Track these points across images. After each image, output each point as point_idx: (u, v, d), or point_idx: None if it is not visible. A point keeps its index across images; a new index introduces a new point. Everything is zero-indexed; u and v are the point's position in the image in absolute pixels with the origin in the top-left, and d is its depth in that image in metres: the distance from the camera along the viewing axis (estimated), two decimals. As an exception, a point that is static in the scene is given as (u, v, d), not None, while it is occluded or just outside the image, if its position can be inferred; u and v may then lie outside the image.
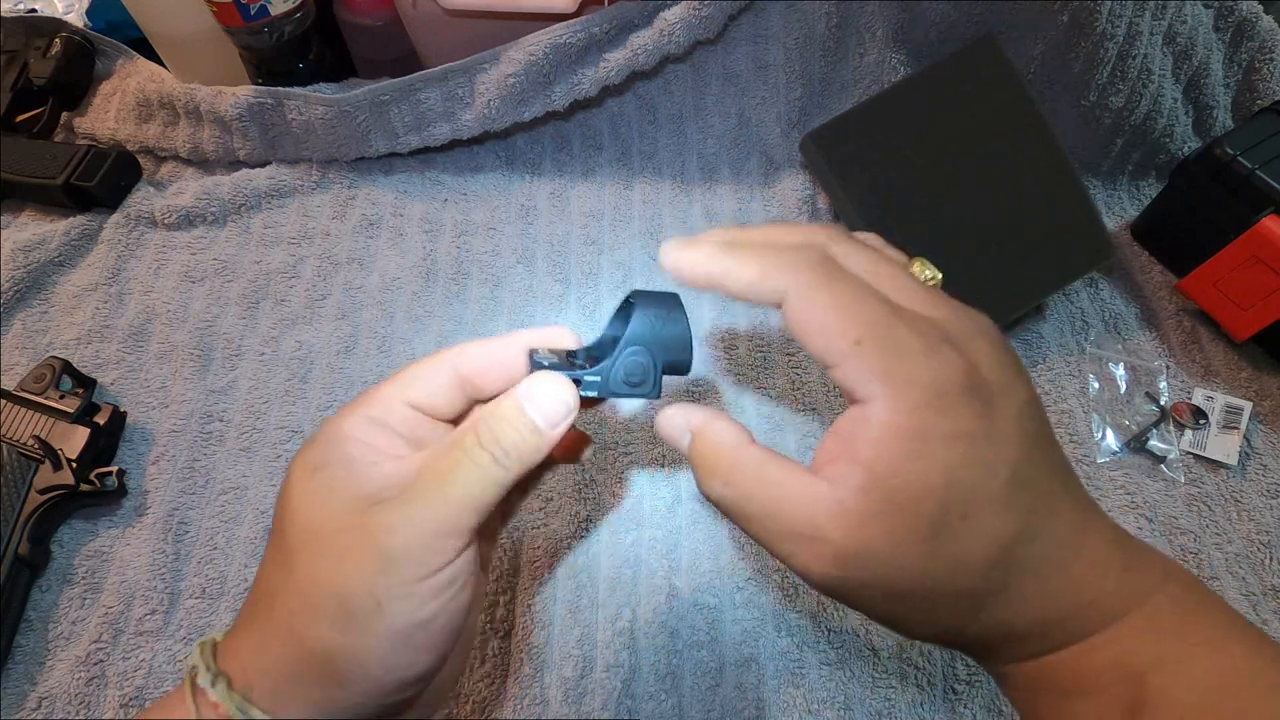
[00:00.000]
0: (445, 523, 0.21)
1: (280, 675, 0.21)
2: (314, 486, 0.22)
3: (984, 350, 0.21)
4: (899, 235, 0.45)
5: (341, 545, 0.21)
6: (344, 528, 0.21)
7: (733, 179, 0.58)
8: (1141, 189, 0.57)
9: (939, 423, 0.20)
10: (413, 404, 0.24)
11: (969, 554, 0.20)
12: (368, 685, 0.21)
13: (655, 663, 0.38)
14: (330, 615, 0.20)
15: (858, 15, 0.50)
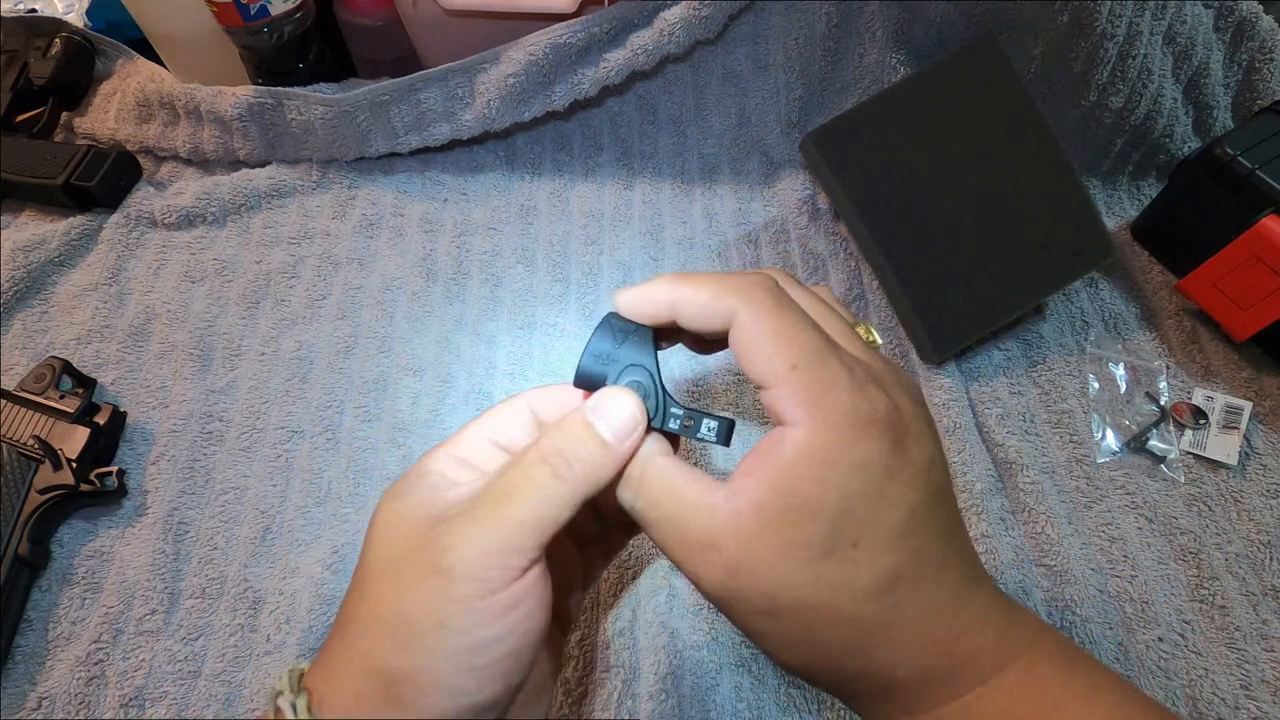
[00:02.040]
0: (506, 540, 0.21)
1: (347, 697, 0.21)
2: (391, 515, 0.22)
3: (905, 400, 0.23)
4: (899, 235, 0.45)
5: (407, 566, 0.21)
6: (411, 549, 0.21)
7: (733, 179, 0.58)
8: (1141, 189, 0.57)
9: (849, 452, 0.21)
10: (493, 441, 0.24)
11: (854, 581, 0.21)
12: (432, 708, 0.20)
13: (655, 663, 0.38)
14: (393, 634, 0.20)
15: (858, 15, 0.50)
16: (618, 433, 0.22)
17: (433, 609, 0.20)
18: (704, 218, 0.56)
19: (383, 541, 0.22)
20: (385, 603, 0.21)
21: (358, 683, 0.21)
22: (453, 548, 0.20)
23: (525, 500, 0.21)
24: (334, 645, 0.22)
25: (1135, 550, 0.41)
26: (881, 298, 0.51)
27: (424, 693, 0.20)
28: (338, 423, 0.46)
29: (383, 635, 0.21)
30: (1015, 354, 0.49)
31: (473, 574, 0.20)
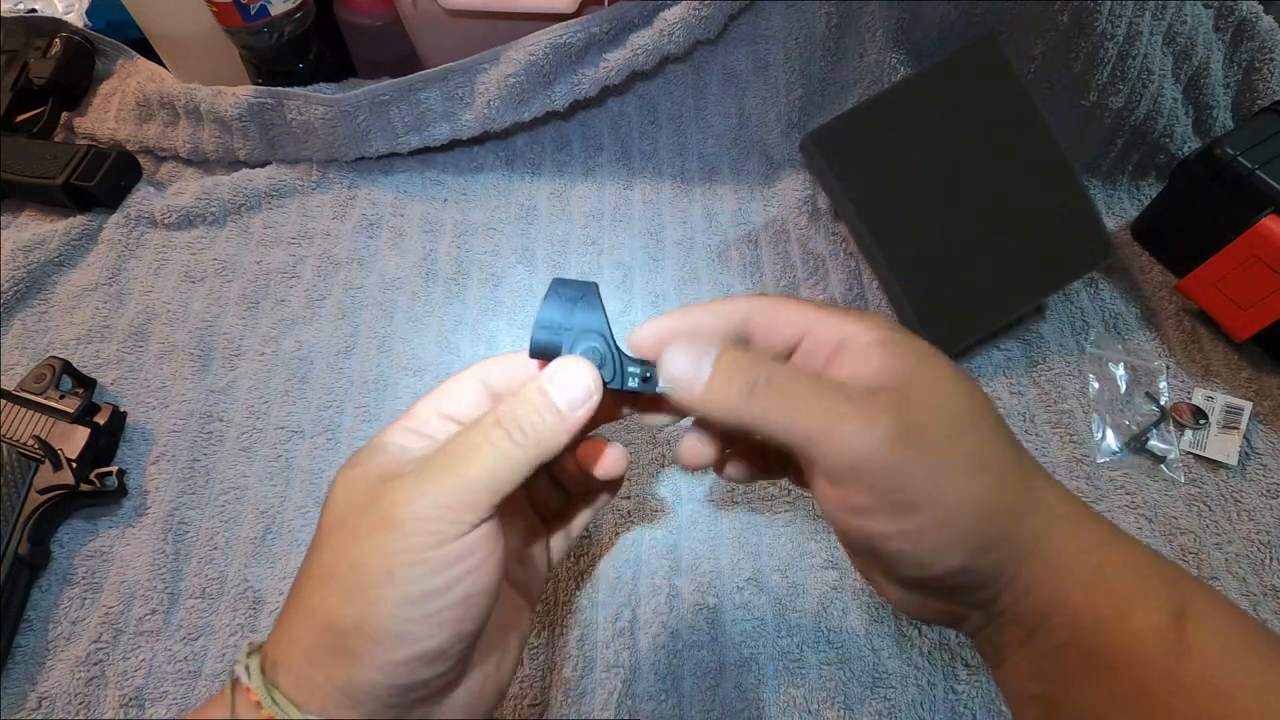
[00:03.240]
0: (458, 495, 0.21)
1: (301, 656, 0.21)
2: (346, 479, 0.23)
3: None
4: (899, 235, 0.45)
5: (360, 520, 0.22)
6: (364, 505, 0.22)
7: (733, 179, 0.58)
8: (1141, 189, 0.57)
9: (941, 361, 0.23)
10: (445, 415, 0.25)
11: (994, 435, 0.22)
12: (378, 661, 0.21)
13: (655, 663, 0.38)
14: (343, 586, 0.21)
15: (858, 15, 0.50)
16: (572, 402, 0.23)
17: (381, 559, 0.21)
18: (704, 218, 0.56)
19: (337, 502, 0.23)
20: (337, 556, 0.22)
21: (309, 639, 0.21)
22: (405, 501, 0.21)
23: (479, 459, 0.22)
24: (288, 609, 0.22)
25: (1135, 550, 0.41)
26: (881, 298, 0.51)
27: (373, 641, 0.21)
28: (338, 423, 0.46)
29: (334, 588, 0.21)
30: (1015, 354, 0.49)
31: (422, 527, 0.21)
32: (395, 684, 0.21)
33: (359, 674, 0.21)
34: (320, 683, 0.21)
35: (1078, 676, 0.21)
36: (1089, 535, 0.22)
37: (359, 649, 0.21)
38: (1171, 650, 0.20)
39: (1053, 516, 0.21)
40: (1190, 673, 0.20)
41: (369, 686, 0.21)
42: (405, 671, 0.21)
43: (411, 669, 0.21)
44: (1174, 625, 0.20)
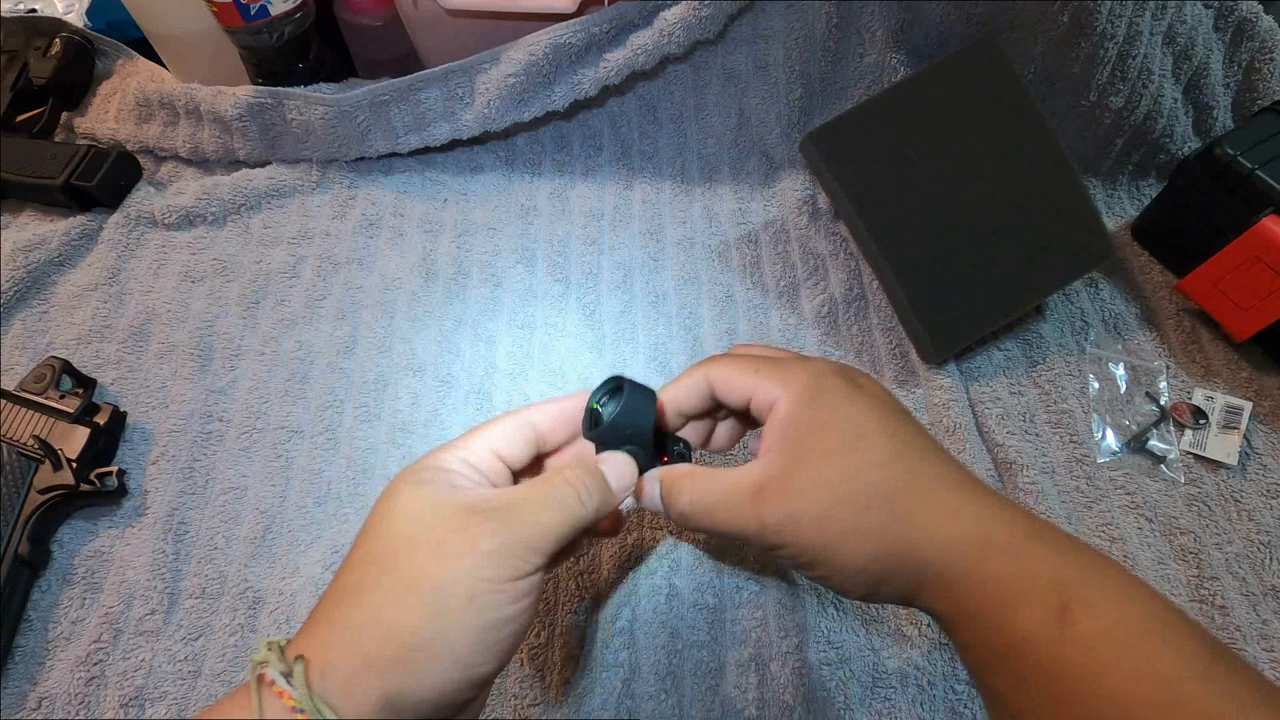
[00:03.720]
0: (535, 538, 0.25)
1: (357, 662, 0.22)
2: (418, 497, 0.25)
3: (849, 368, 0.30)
4: (899, 235, 0.45)
5: (444, 545, 0.24)
6: (448, 531, 0.24)
7: (733, 179, 0.58)
8: (1141, 189, 0.57)
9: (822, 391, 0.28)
10: (496, 452, 0.28)
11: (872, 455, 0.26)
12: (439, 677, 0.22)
13: (655, 663, 0.38)
14: (426, 603, 0.23)
15: (858, 15, 0.50)
16: (621, 483, 0.29)
17: (464, 584, 0.23)
18: (704, 218, 0.56)
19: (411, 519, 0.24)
20: (419, 575, 0.23)
21: (372, 650, 0.22)
22: (494, 534, 0.24)
23: (554, 512, 0.26)
24: (339, 614, 0.23)
25: (1135, 550, 0.41)
26: (881, 298, 0.51)
27: (438, 659, 0.22)
28: (338, 423, 0.46)
29: (411, 604, 0.23)
30: (1015, 354, 0.49)
31: (506, 561, 0.24)
32: (441, 701, 0.23)
33: (416, 688, 0.22)
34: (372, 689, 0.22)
35: (983, 665, 0.25)
36: (975, 551, 0.25)
37: (424, 664, 0.22)
38: (1053, 641, 0.23)
39: (939, 544, 0.25)
40: (1070, 658, 0.23)
41: (417, 700, 0.22)
42: (454, 691, 0.23)
43: (460, 689, 0.23)
44: (1056, 619, 0.23)
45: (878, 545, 0.26)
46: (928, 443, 0.28)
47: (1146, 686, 0.22)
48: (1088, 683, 0.23)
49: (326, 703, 0.21)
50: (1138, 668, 0.22)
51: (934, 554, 0.25)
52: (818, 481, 0.26)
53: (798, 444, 0.27)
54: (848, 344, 0.50)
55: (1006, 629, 0.24)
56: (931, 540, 0.25)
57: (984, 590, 0.25)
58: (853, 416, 0.27)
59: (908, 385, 0.47)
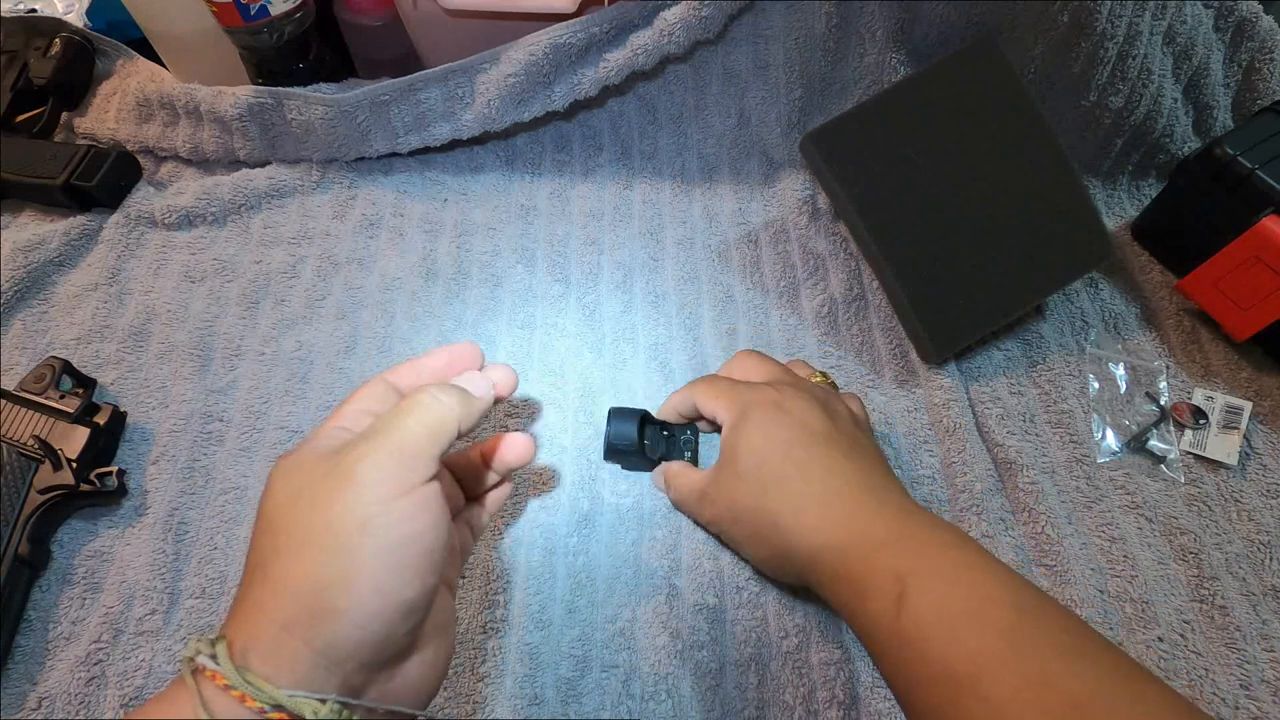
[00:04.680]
0: (408, 447, 0.25)
1: (277, 627, 0.22)
2: (289, 464, 0.25)
3: (790, 390, 0.38)
4: (899, 235, 0.45)
5: (319, 487, 0.24)
6: (320, 475, 0.24)
7: (733, 179, 0.58)
8: (1141, 189, 0.57)
9: (749, 420, 0.37)
10: (367, 411, 0.28)
11: (763, 483, 0.35)
12: (358, 613, 0.22)
13: (655, 663, 0.38)
14: (319, 548, 0.23)
15: (858, 15, 0.50)
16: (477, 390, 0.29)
17: (353, 512, 0.23)
18: (704, 218, 0.56)
19: (284, 485, 0.25)
20: (306, 524, 0.23)
21: (286, 607, 0.22)
22: (364, 456, 0.24)
23: (416, 416, 0.26)
24: (250, 593, 0.24)
25: (1135, 550, 0.41)
26: (881, 298, 0.51)
27: (354, 594, 0.22)
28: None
29: (309, 552, 0.23)
30: (1015, 354, 0.49)
31: (386, 475, 0.24)
32: (373, 639, 0.23)
33: (340, 631, 0.22)
34: (298, 650, 0.22)
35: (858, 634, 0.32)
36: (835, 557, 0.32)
37: (340, 604, 0.22)
38: (892, 621, 0.29)
39: (810, 553, 0.33)
40: (905, 633, 0.29)
41: (349, 645, 0.22)
42: (382, 625, 0.23)
43: (388, 621, 0.23)
44: (895, 604, 0.29)
45: (769, 549, 0.36)
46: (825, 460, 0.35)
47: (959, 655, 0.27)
48: (916, 656, 0.28)
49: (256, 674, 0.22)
50: (953, 639, 0.28)
51: (809, 558, 0.33)
52: (731, 496, 0.37)
53: (725, 463, 0.37)
54: (848, 344, 0.50)
55: (862, 614, 0.31)
56: (805, 548, 0.33)
57: (845, 586, 0.32)
58: (756, 447, 0.36)
59: (908, 385, 0.47)
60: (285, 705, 0.21)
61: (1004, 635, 0.27)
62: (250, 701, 0.21)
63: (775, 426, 0.36)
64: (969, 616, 0.28)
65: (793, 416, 0.36)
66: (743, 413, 0.37)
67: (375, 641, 0.23)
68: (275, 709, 0.21)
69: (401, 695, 0.25)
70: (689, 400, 0.41)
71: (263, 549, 0.24)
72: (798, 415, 0.36)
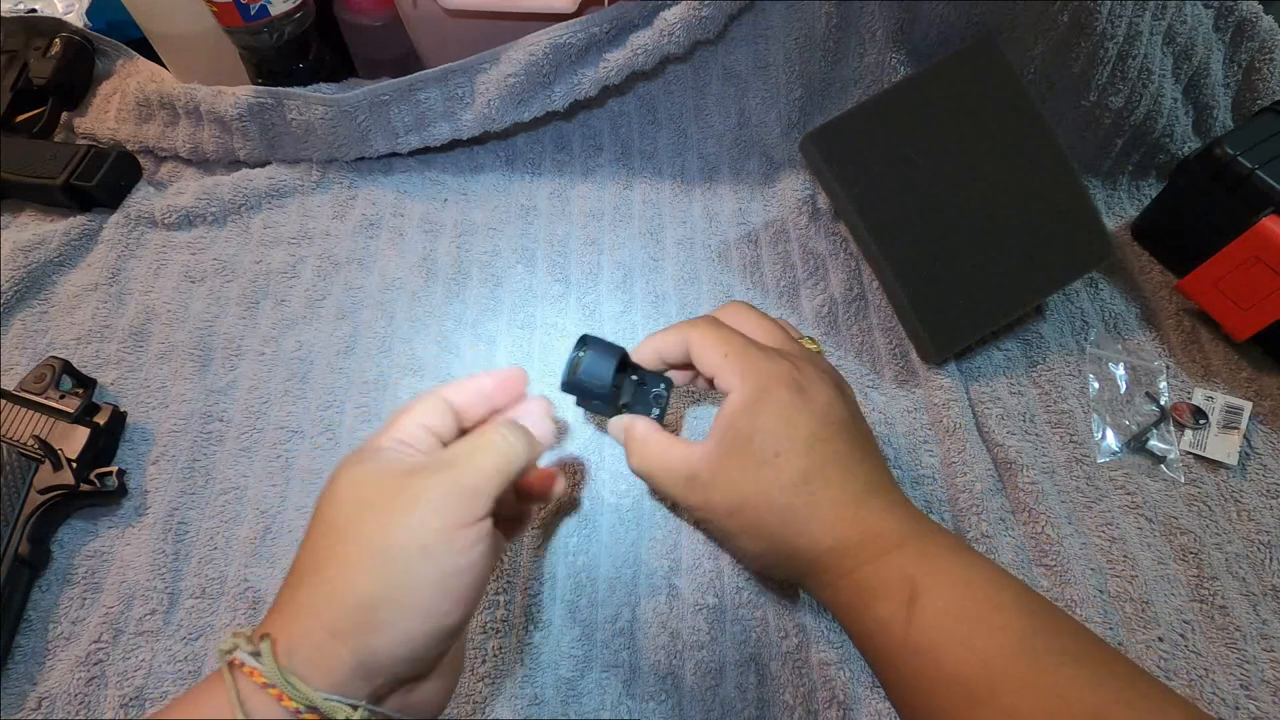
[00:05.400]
0: (476, 482, 0.26)
1: (323, 633, 0.23)
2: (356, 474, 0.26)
3: (809, 369, 0.33)
4: (899, 235, 0.45)
5: (389, 506, 0.25)
6: (392, 494, 0.25)
7: (733, 179, 0.58)
8: (1141, 189, 0.57)
9: (766, 398, 0.32)
10: (425, 426, 0.29)
11: (780, 478, 0.31)
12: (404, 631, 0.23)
13: (655, 663, 0.38)
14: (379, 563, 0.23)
15: (858, 15, 0.50)
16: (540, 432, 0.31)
17: (416, 537, 0.24)
18: (704, 218, 0.56)
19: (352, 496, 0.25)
20: (370, 539, 0.24)
21: (336, 613, 0.23)
22: (432, 488, 0.25)
23: (488, 455, 0.27)
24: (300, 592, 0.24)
25: (1135, 550, 0.41)
26: (881, 298, 0.51)
27: (402, 613, 0.23)
28: (338, 423, 0.46)
29: (367, 567, 0.24)
30: (1015, 354, 0.49)
31: (453, 508, 0.25)
32: (411, 656, 0.24)
33: (384, 646, 0.23)
34: (342, 657, 0.22)
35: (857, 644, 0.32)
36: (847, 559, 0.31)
37: (389, 620, 0.23)
38: (902, 627, 0.28)
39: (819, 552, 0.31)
40: (914, 641, 0.28)
41: (389, 660, 0.23)
42: (424, 644, 0.24)
43: (429, 644, 0.24)
44: (905, 609, 0.29)
45: (769, 545, 0.32)
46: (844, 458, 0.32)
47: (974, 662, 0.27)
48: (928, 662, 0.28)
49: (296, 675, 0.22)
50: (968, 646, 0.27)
51: (814, 558, 0.31)
52: (734, 484, 0.32)
53: (730, 444, 0.32)
54: (848, 344, 0.50)
55: (868, 618, 0.30)
56: (813, 548, 0.31)
57: (851, 588, 0.30)
58: (778, 433, 0.31)
59: (908, 385, 0.47)
60: (320, 707, 0.22)
61: (1019, 643, 0.27)
62: (287, 701, 0.22)
63: (797, 413, 0.32)
64: (982, 623, 0.27)
65: (816, 405, 0.32)
66: (760, 388, 0.32)
67: (412, 659, 0.24)
68: (310, 710, 0.22)
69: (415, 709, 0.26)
70: (679, 345, 0.35)
71: (320, 552, 0.25)
72: (821, 403, 0.32)
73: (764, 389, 0.32)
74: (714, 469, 0.32)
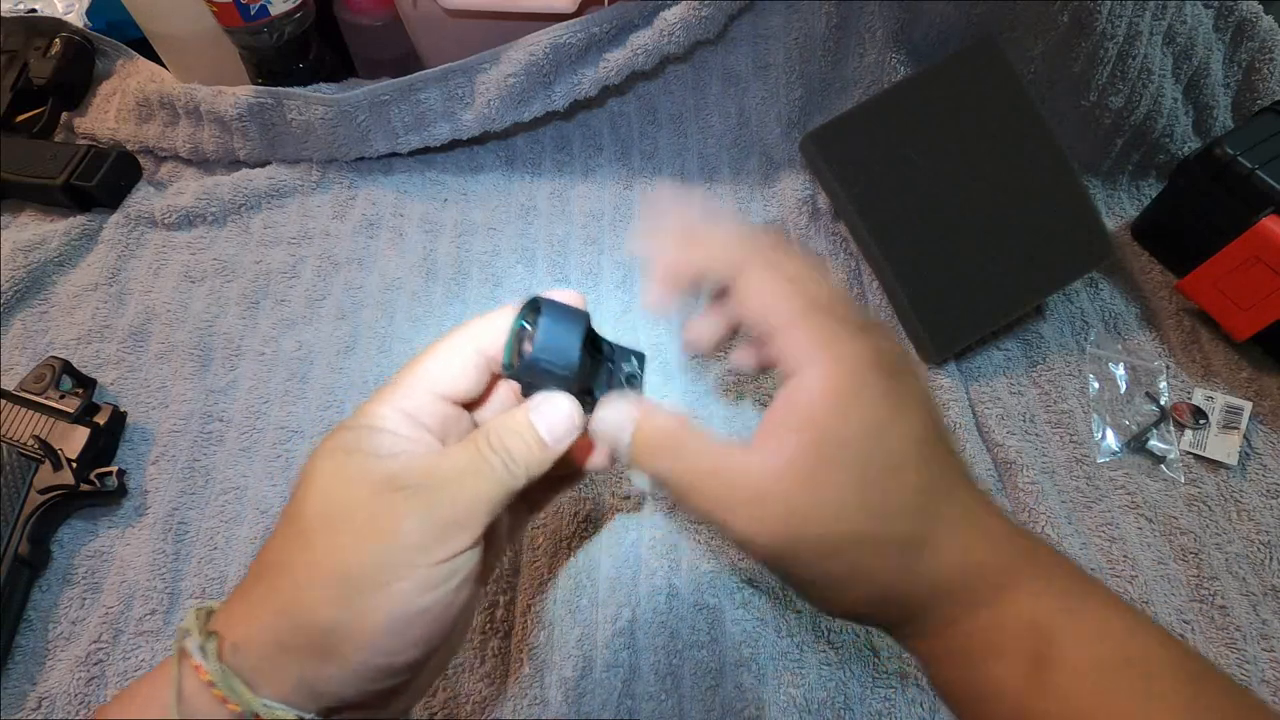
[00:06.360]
0: (457, 516, 0.22)
1: (272, 644, 0.21)
2: (341, 468, 0.23)
3: (887, 345, 0.24)
4: (899, 235, 0.45)
5: (359, 525, 0.22)
6: (364, 510, 0.22)
7: (733, 179, 0.58)
8: (1141, 189, 0.57)
9: (864, 388, 0.23)
10: (437, 393, 0.25)
11: (899, 500, 0.22)
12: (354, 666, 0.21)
13: (655, 663, 0.38)
14: (337, 588, 0.21)
15: (858, 15, 0.50)
16: (556, 435, 0.25)
17: (379, 572, 0.21)
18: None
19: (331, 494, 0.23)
20: (332, 559, 0.22)
21: (285, 632, 0.21)
22: (407, 516, 0.22)
23: (473, 485, 0.23)
24: (258, 591, 0.22)
25: (1135, 550, 0.41)
26: (881, 298, 0.51)
27: (356, 648, 0.21)
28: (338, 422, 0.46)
29: (325, 590, 0.21)
30: (1015, 354, 0.49)
31: (421, 544, 0.22)
32: (364, 688, 0.22)
33: (333, 673, 0.21)
34: (288, 670, 0.21)
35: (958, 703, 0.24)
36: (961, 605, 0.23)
37: (340, 651, 0.21)
38: (1025, 691, 0.22)
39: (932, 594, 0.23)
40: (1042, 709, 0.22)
41: (337, 685, 0.22)
42: (375, 677, 0.22)
43: (381, 677, 0.22)
44: (1029, 667, 0.22)
45: (875, 590, 0.23)
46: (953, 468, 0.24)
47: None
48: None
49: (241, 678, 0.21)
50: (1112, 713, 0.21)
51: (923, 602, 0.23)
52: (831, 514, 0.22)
53: (819, 454, 0.22)
54: (848, 344, 0.50)
55: (981, 676, 0.23)
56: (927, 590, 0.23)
57: (960, 639, 0.23)
58: (890, 442, 0.22)
59: (908, 385, 0.48)
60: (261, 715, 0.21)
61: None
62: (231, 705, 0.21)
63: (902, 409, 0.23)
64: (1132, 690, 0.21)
65: (915, 394, 0.24)
66: (852, 373, 0.23)
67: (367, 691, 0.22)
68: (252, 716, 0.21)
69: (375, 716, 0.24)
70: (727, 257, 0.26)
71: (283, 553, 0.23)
72: (918, 393, 0.24)
73: (856, 374, 0.23)
74: (795, 490, 0.22)
